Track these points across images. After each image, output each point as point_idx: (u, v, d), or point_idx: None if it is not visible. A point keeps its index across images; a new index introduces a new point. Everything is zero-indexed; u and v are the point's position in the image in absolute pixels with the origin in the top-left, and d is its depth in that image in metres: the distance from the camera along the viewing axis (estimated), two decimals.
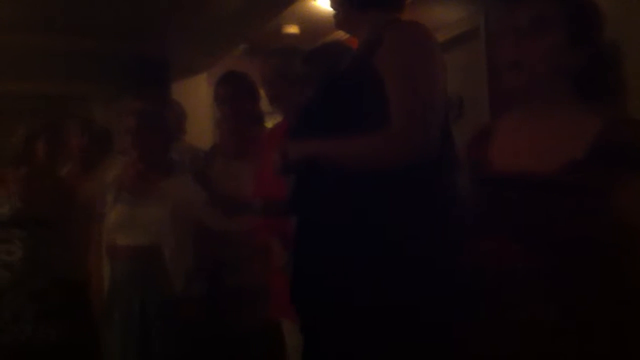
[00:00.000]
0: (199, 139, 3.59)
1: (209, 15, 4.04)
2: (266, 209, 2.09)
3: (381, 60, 1.40)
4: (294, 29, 4.54)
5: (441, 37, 3.08)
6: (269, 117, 2.83)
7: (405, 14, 1.59)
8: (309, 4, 4.09)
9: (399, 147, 1.35)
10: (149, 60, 4.78)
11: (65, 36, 4.41)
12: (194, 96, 4.85)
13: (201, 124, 4.55)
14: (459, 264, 1.33)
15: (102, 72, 4.74)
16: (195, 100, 4.67)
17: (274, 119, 2.62)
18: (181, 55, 4.81)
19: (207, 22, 4.12)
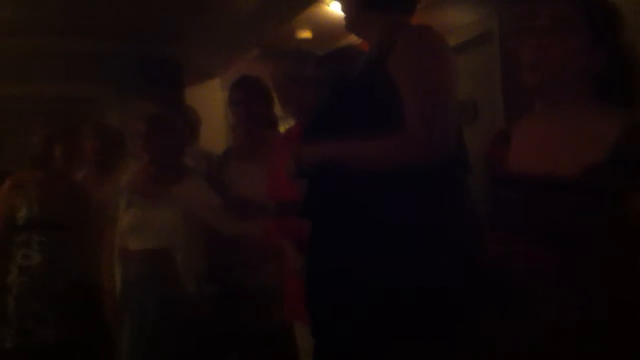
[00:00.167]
0: (213, 143, 3.61)
1: (223, 19, 4.07)
2: (280, 211, 2.09)
3: (394, 64, 1.41)
4: (307, 34, 4.55)
5: (454, 40, 3.06)
6: (283, 122, 2.84)
7: (417, 17, 1.59)
8: (322, 9, 4.09)
9: (414, 150, 1.36)
10: (163, 64, 4.82)
11: (78, 38, 4.46)
12: (208, 101, 4.88)
13: (215, 129, 4.58)
14: (481, 264, 1.33)
15: (116, 75, 4.78)
16: (209, 104, 4.69)
17: (287, 124, 2.63)
18: (195, 59, 4.84)
19: (221, 27, 4.15)
